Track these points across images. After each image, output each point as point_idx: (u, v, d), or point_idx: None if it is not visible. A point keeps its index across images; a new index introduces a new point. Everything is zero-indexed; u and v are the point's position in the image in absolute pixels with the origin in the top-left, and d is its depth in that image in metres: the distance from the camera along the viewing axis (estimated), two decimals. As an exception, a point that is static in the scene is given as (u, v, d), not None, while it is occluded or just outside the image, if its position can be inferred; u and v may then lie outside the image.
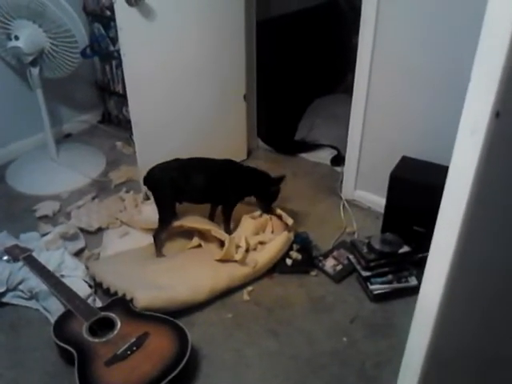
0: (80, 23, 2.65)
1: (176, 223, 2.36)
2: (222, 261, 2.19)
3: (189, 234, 2.39)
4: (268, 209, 2.43)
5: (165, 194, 2.31)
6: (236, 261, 2.18)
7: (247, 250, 2.22)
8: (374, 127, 2.54)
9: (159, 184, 2.32)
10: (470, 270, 1.08)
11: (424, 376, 1.17)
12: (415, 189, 2.18)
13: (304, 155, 3.26)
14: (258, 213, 2.43)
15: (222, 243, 2.26)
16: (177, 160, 2.35)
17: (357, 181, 2.73)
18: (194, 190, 2.33)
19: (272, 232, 2.38)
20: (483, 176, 0.90)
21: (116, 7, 2.26)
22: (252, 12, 2.87)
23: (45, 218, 2.61)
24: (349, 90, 2.66)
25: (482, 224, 1.01)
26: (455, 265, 1.00)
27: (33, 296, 2.08)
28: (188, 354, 1.73)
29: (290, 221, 2.37)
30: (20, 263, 2.17)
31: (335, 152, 3.19)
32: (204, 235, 2.35)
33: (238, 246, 2.22)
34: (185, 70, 2.62)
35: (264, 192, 2.41)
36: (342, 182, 2.83)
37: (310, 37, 3.54)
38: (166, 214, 2.32)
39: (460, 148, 0.93)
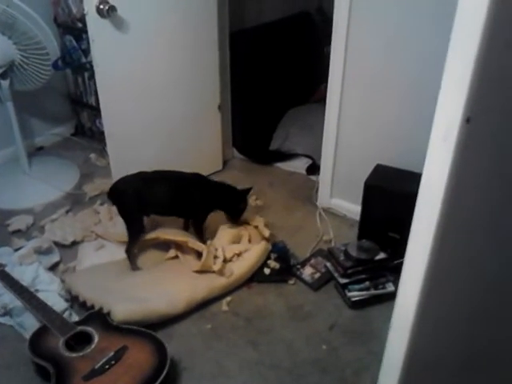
0: (51, 35, 2.63)
1: (151, 235, 2.34)
2: (199, 272, 2.18)
3: (165, 245, 2.37)
4: (237, 222, 2.43)
5: (129, 207, 2.29)
6: (214, 271, 2.17)
7: (225, 261, 2.22)
8: (347, 136, 2.57)
9: (123, 197, 2.30)
10: (446, 274, 1.09)
11: (403, 382, 1.18)
12: (389, 196, 2.21)
13: (279, 165, 3.28)
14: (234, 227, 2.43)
15: (199, 254, 2.25)
16: (141, 173, 2.33)
17: (332, 189, 2.75)
18: (159, 203, 2.32)
19: (249, 241, 2.38)
20: (456, 180, 0.92)
21: (88, 19, 2.25)
22: (225, 23, 2.88)
23: (18, 232, 2.56)
24: (322, 100, 2.69)
25: (456, 228, 1.02)
26: (430, 270, 1.02)
27: (6, 312, 2.04)
28: (167, 366, 1.71)
29: (266, 233, 2.38)
30: (-7, 279, 2.12)
31: (310, 161, 3.21)
32: (180, 247, 2.34)
33: (215, 257, 2.21)
34: (158, 80, 2.61)
35: (231, 206, 2.41)
36: (317, 190, 2.85)
37: (283, 47, 3.57)
38: (133, 228, 2.30)
39: (432, 154, 0.95)
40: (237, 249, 2.30)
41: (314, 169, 3.13)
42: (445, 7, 1.98)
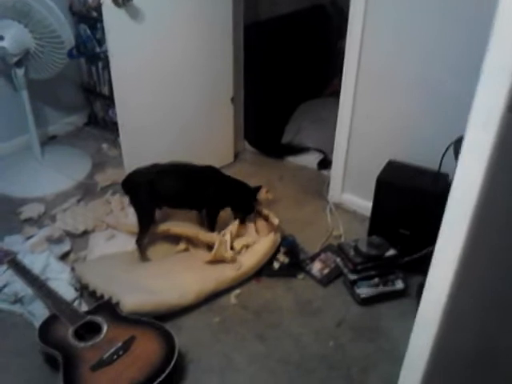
0: (67, 23, 2.64)
1: (163, 227, 2.34)
2: (211, 262, 2.19)
3: (175, 238, 2.38)
4: (244, 220, 2.42)
5: (142, 198, 2.30)
6: (226, 259, 2.18)
7: (232, 248, 2.22)
8: (360, 131, 2.55)
9: (137, 189, 2.31)
10: (478, 266, 1.05)
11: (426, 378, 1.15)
12: (401, 192, 2.20)
13: (291, 158, 3.27)
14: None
15: (209, 247, 2.25)
16: (156, 165, 2.33)
17: (343, 184, 2.74)
18: (172, 196, 2.32)
19: (257, 233, 2.38)
20: (495, 170, 0.88)
21: (104, 8, 2.25)
22: (240, 15, 2.87)
23: (29, 220, 2.58)
24: (335, 94, 2.67)
25: (491, 219, 0.99)
26: (462, 261, 0.98)
27: (17, 300, 2.06)
28: (175, 358, 1.71)
29: (275, 220, 2.37)
30: (4, 266, 2.14)
31: (322, 155, 3.20)
32: (191, 240, 2.34)
33: (226, 245, 2.22)
34: (172, 72, 2.61)
35: (242, 202, 2.41)
36: (328, 185, 2.84)
37: (297, 40, 3.55)
38: (145, 219, 2.30)
39: (470, 143, 0.89)
40: (245, 240, 2.30)
41: (325, 163, 3.12)
42: (459, 4, 1.98)
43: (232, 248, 2.23)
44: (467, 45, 2.02)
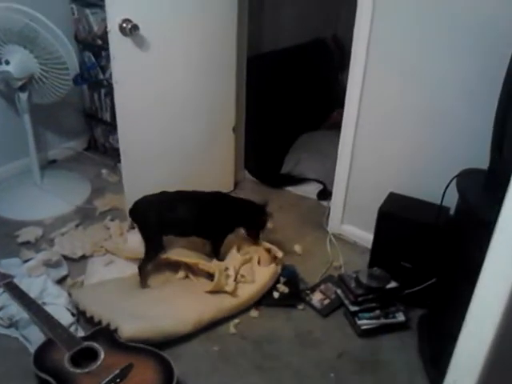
0: (73, 51, 2.66)
1: (163, 256, 2.32)
2: (211, 292, 2.17)
3: (175, 265, 2.35)
4: (258, 238, 2.42)
5: (151, 227, 2.28)
6: (227, 292, 2.16)
7: (235, 280, 2.20)
8: (361, 163, 2.57)
9: (145, 217, 2.29)
10: None
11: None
12: (403, 225, 2.20)
13: (290, 188, 3.28)
14: (244, 250, 2.42)
15: (209, 276, 2.23)
16: (164, 193, 2.33)
17: (343, 215, 2.74)
18: (180, 224, 2.31)
19: (259, 264, 2.36)
20: None
21: (110, 36, 2.27)
22: (243, 47, 2.91)
23: (27, 244, 2.55)
24: (334, 126, 2.70)
25: None
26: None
27: (12, 324, 2.02)
28: (174, 387, 1.68)
29: (279, 254, 2.36)
30: (0, 289, 2.11)
31: (321, 186, 3.21)
32: (191, 268, 2.32)
33: (227, 276, 2.20)
34: (175, 100, 2.63)
35: (253, 221, 2.40)
36: (328, 215, 2.84)
37: (298, 73, 3.61)
38: (153, 247, 2.28)
39: None
40: (245, 271, 2.28)
41: (325, 194, 3.13)
42: (461, 38, 2.02)
43: (235, 280, 2.21)
44: (472, 78, 2.06)
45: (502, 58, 1.63)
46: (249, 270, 2.29)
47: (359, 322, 2.10)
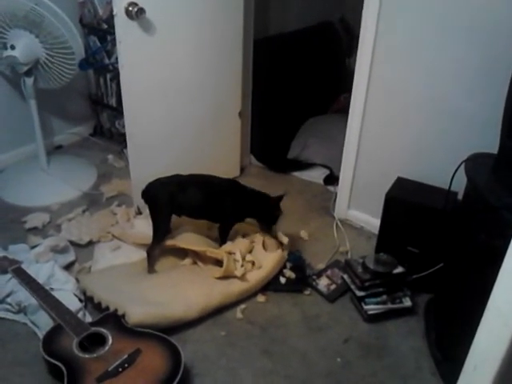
0: (78, 35, 2.64)
1: (170, 242, 2.32)
2: (220, 278, 2.17)
3: (182, 251, 2.35)
4: (269, 230, 2.42)
5: (162, 208, 2.28)
6: (236, 277, 2.17)
7: (242, 265, 2.20)
8: (368, 148, 2.55)
9: (157, 198, 2.29)
10: None
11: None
12: (410, 210, 2.18)
13: (297, 174, 3.27)
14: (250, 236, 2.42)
15: (216, 262, 2.24)
16: (177, 175, 2.33)
17: (350, 200, 2.73)
18: (191, 207, 2.31)
19: (264, 249, 2.36)
20: None
21: (116, 20, 2.25)
22: (250, 30, 2.89)
23: (34, 229, 2.56)
24: (341, 111, 2.67)
25: None
26: None
27: (21, 309, 2.03)
28: (181, 372, 1.69)
29: (285, 239, 2.37)
30: (8, 275, 2.12)
31: (328, 171, 3.20)
32: (198, 254, 2.32)
33: (234, 261, 2.21)
34: (181, 85, 2.61)
35: (265, 214, 2.39)
36: (335, 201, 2.83)
37: (305, 57, 3.57)
38: (160, 229, 2.29)
39: None
40: (253, 257, 2.28)
41: (331, 179, 3.12)
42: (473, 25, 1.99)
43: (242, 265, 2.21)
44: (480, 64, 2.03)
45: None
46: (256, 255, 2.29)
47: (366, 307, 2.10)
